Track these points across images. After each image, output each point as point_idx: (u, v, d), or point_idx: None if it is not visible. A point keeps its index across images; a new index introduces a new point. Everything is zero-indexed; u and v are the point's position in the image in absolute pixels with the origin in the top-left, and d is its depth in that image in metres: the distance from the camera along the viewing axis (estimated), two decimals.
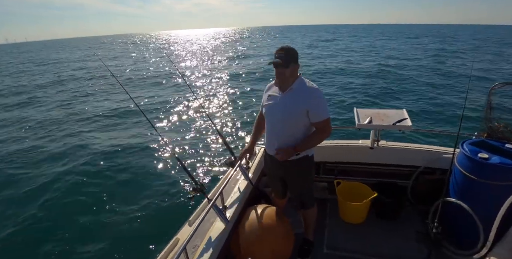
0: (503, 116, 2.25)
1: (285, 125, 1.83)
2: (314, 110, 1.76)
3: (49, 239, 4.01)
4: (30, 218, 4.46)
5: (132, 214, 4.46)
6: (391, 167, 2.79)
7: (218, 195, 1.88)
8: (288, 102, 1.80)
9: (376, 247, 2.31)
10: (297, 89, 1.81)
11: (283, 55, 1.73)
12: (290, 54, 1.75)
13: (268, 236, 1.92)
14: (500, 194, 1.77)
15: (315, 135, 1.86)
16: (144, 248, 3.71)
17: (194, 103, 10.78)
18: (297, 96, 1.79)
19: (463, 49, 28.16)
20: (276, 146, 1.91)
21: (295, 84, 1.82)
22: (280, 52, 1.75)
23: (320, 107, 1.78)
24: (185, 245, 1.43)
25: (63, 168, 6.23)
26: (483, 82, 11.34)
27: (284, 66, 1.74)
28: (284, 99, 1.83)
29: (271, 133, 1.95)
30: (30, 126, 9.29)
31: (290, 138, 1.85)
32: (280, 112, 1.83)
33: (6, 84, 18.02)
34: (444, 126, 7.24)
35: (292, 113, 1.79)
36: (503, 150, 2.05)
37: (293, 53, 1.78)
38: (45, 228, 4.25)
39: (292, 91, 1.81)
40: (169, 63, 23.20)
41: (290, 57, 1.75)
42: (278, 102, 1.85)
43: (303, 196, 2.13)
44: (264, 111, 1.97)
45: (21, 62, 35.18)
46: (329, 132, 1.84)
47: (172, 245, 1.77)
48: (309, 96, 1.77)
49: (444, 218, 2.22)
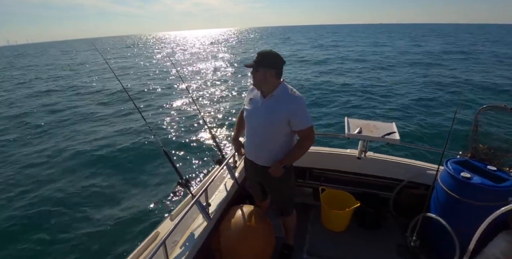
0: (488, 138, 2.30)
1: (265, 131, 1.80)
2: (296, 119, 1.73)
3: (26, 234, 3.93)
4: (8, 217, 4.34)
5: (113, 204, 4.40)
6: (376, 178, 2.83)
7: (203, 192, 1.86)
8: (269, 109, 1.76)
9: (355, 256, 2.33)
10: (278, 95, 1.76)
11: (256, 59, 1.74)
12: (264, 58, 1.73)
13: (249, 237, 1.91)
14: (479, 214, 1.82)
15: (299, 146, 1.82)
16: (123, 240, 3.66)
17: (187, 100, 10.73)
18: (278, 103, 1.75)
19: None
20: (256, 152, 1.91)
21: (277, 90, 1.77)
22: (257, 55, 1.75)
23: (302, 115, 1.74)
24: (164, 239, 1.41)
25: (50, 161, 6.11)
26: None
27: (253, 69, 1.75)
28: (265, 105, 1.79)
29: (251, 138, 1.91)
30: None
31: (269, 145, 1.83)
32: (261, 118, 1.79)
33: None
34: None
35: (272, 120, 1.75)
36: (485, 171, 2.10)
37: (269, 58, 1.74)
38: (21, 223, 4.15)
39: (273, 98, 1.77)
40: (168, 61, 23.00)
41: (263, 62, 1.72)
42: (259, 107, 1.82)
43: (281, 203, 2.11)
44: (245, 115, 1.94)
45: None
46: (313, 139, 1.81)
47: (151, 238, 1.74)
48: (290, 104, 1.72)
49: (423, 232, 2.26)
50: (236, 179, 2.35)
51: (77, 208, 4.37)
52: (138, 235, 3.72)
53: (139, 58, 30.42)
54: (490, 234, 1.71)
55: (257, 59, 1.73)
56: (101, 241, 3.68)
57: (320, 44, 39.72)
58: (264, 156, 1.89)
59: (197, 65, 21.91)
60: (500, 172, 2.07)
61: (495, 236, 1.73)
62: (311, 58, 23.16)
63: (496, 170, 2.10)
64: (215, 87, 13.51)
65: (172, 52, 36.75)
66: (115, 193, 4.75)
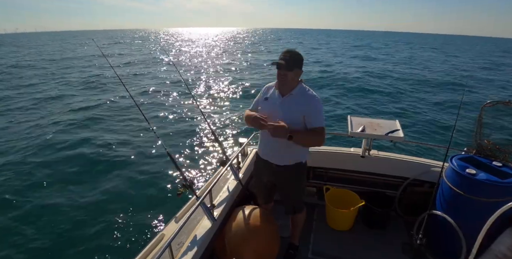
0: (493, 134, 2.29)
1: None
2: (311, 117, 1.76)
3: (33, 234, 3.95)
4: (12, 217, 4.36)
5: (118, 207, 4.42)
6: (380, 176, 2.82)
7: (207, 193, 1.87)
8: (287, 107, 1.79)
9: (361, 256, 2.32)
10: (297, 95, 1.79)
11: (288, 58, 1.71)
12: (295, 58, 1.73)
13: (254, 238, 1.91)
14: (485, 210, 1.80)
15: (312, 134, 1.77)
16: (128, 242, 3.68)
17: (189, 101, 10.75)
18: (296, 102, 1.78)
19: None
20: (271, 152, 1.91)
21: (296, 89, 1.80)
22: (286, 54, 1.72)
23: (317, 115, 1.77)
24: (170, 241, 1.42)
25: (56, 160, 6.16)
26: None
27: (287, 68, 1.72)
28: (283, 103, 1.81)
29: (267, 138, 1.87)
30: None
31: (286, 143, 1.80)
32: (278, 117, 1.78)
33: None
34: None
35: (290, 119, 1.75)
36: (490, 167, 2.09)
37: (299, 58, 1.76)
38: (23, 224, 4.16)
39: (291, 96, 1.80)
40: (169, 63, 23.02)
41: (295, 61, 1.73)
42: (277, 106, 1.83)
43: (294, 201, 2.12)
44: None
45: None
46: (323, 139, 1.81)
47: (157, 240, 1.75)
48: (308, 103, 1.76)
49: (429, 230, 2.25)
50: (240, 180, 2.35)
51: (80, 210, 4.39)
52: (143, 237, 3.74)
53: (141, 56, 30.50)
54: (497, 230, 1.70)
55: (289, 59, 1.71)
56: (106, 244, 3.69)
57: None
58: (280, 155, 1.90)
59: (198, 67, 21.96)
60: (506, 168, 2.05)
61: (501, 232, 1.72)
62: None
63: (501, 165, 2.08)
64: (219, 88, 13.53)
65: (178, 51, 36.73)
66: (119, 195, 4.76)
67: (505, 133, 2.22)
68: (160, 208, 4.37)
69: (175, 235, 1.47)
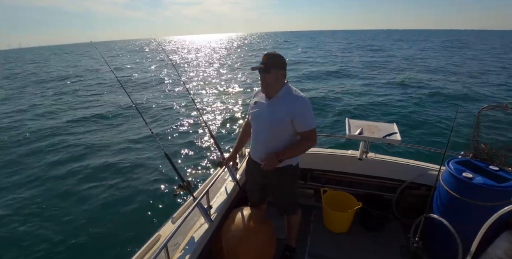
0: (490, 138, 2.30)
1: (270, 133, 1.81)
2: (299, 120, 1.74)
3: (29, 233, 3.93)
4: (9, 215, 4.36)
5: (114, 208, 4.39)
6: (377, 179, 2.82)
7: (204, 194, 1.86)
8: (274, 110, 1.78)
9: (358, 258, 2.32)
10: (283, 96, 1.78)
11: (265, 61, 1.72)
12: (274, 60, 1.73)
13: (251, 239, 1.91)
14: (481, 214, 1.81)
15: (299, 144, 1.80)
16: (124, 243, 3.65)
17: (188, 103, 10.74)
18: (282, 104, 1.76)
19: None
20: (261, 154, 1.88)
21: (281, 91, 1.79)
22: (264, 57, 1.74)
23: (306, 116, 1.75)
24: (166, 242, 1.41)
25: (53, 162, 6.13)
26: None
27: (265, 71, 1.73)
28: (269, 106, 1.80)
29: (256, 140, 1.92)
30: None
31: (275, 146, 1.82)
32: (266, 120, 1.80)
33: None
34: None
35: (277, 121, 1.76)
36: (487, 171, 2.09)
37: (278, 59, 1.75)
38: (24, 224, 4.15)
39: (277, 99, 1.79)
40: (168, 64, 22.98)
41: (274, 63, 1.73)
42: (264, 109, 1.83)
43: (285, 203, 2.11)
44: (250, 118, 1.94)
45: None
46: (314, 141, 1.80)
47: (153, 241, 1.74)
48: (294, 104, 1.74)
49: (426, 233, 2.25)
50: (237, 181, 2.34)
51: (77, 210, 4.37)
52: (140, 238, 3.71)
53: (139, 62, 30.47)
54: (493, 234, 1.70)
55: (267, 61, 1.72)
56: (102, 244, 3.67)
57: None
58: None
59: (200, 69, 21.95)
60: (503, 172, 2.06)
61: (497, 236, 1.72)
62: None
63: (498, 169, 2.09)
64: (217, 90, 13.53)
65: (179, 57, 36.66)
66: (116, 195, 4.74)
67: (502, 137, 2.22)
68: (156, 209, 4.35)
69: (172, 236, 1.46)
